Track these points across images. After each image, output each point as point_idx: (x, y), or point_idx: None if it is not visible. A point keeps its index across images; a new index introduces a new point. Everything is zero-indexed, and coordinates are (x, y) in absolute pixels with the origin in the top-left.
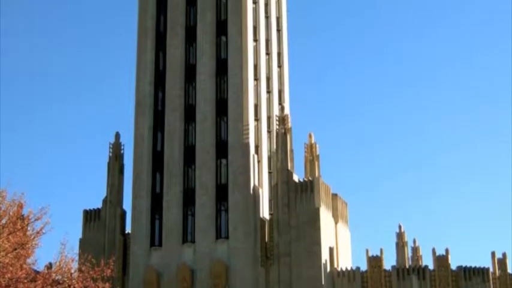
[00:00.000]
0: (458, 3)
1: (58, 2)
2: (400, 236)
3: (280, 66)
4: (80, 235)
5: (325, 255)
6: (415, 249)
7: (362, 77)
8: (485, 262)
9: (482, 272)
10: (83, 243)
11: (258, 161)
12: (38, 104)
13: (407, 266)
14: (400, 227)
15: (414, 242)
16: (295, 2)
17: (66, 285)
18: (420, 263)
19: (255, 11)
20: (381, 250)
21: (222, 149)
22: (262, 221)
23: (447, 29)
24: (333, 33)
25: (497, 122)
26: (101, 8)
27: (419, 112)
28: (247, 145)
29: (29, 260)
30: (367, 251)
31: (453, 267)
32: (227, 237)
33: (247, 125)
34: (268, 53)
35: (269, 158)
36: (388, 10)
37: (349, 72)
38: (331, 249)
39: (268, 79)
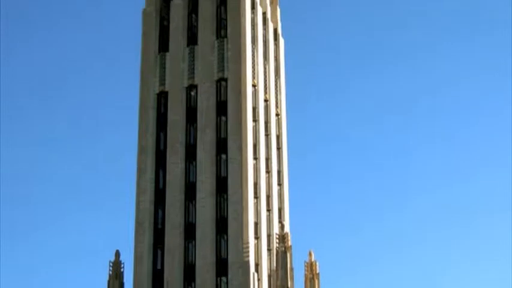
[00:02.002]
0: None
1: (57, 124)
2: None
3: (280, 184)
4: None
5: None
6: None
7: (362, 193)
8: None
9: None
10: None
11: (258, 279)
12: (37, 221)
13: None
14: None
15: None
16: (294, 120)
17: None
18: None
19: (255, 129)
20: None
21: (222, 267)
22: None
23: (447, 141)
24: (333, 151)
25: (497, 237)
26: (102, 126)
27: (421, 228)
28: (247, 263)
29: None
30: None
31: None
32: None
33: (247, 243)
34: (268, 171)
35: (269, 276)
36: (384, 130)
37: (349, 190)
38: None
39: (268, 197)
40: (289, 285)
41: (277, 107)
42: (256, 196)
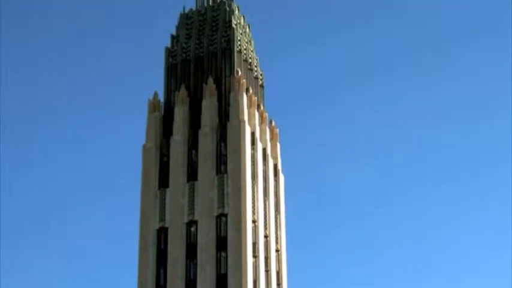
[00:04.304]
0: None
1: (57, 253)
2: None
3: None
4: None
5: None
6: None
7: None
8: None
9: None
10: None
11: None
12: None
13: None
14: None
15: None
16: (295, 256)
17: None
18: None
19: (255, 265)
20: None
21: None
22: None
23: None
24: (332, 272)
25: None
26: (102, 262)
27: None
28: None
29: None
30: None
31: None
32: None
33: None
34: None
35: None
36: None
37: None
38: None
39: None
40: None
41: (277, 242)
42: None
